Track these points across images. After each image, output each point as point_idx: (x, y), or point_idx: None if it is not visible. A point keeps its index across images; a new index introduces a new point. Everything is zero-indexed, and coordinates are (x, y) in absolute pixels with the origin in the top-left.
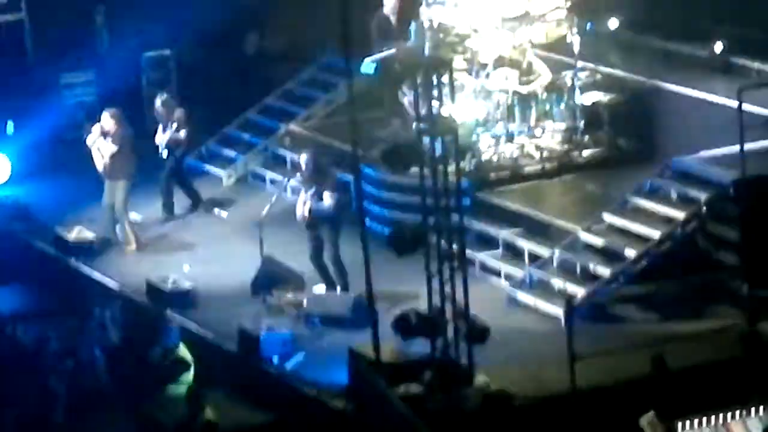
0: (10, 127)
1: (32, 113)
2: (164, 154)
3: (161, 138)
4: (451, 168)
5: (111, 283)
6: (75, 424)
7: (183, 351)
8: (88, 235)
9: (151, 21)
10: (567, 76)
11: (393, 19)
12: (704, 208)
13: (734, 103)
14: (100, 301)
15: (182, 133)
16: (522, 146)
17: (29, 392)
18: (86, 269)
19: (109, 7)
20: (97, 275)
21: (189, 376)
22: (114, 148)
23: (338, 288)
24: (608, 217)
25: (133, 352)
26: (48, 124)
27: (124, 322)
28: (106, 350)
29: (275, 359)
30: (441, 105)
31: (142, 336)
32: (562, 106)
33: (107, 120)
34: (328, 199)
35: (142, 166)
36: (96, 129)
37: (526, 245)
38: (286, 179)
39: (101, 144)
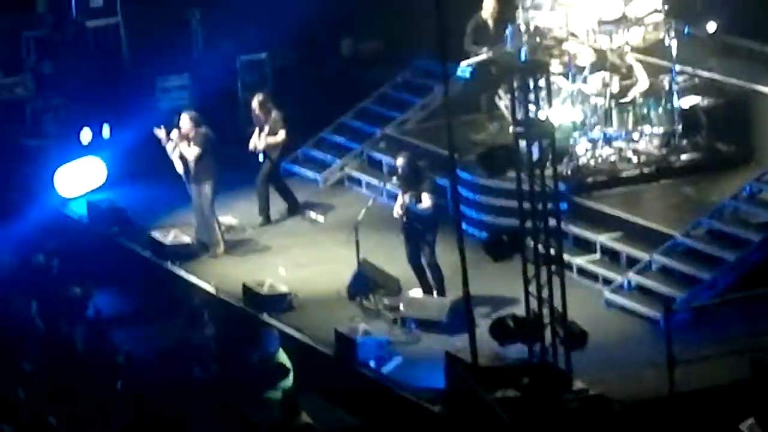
0: (106, 130)
1: (128, 117)
2: (260, 157)
3: (257, 141)
4: (549, 172)
5: (207, 287)
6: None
7: (282, 356)
8: (184, 238)
9: (245, 24)
10: (665, 79)
11: (490, 22)
12: None
13: None
14: (197, 304)
15: (279, 136)
16: (619, 150)
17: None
18: (182, 272)
19: (204, 10)
20: (193, 278)
21: (288, 381)
22: (197, 150)
23: (435, 292)
24: (707, 221)
25: (230, 355)
26: (143, 127)
27: (220, 325)
28: (202, 353)
29: (372, 363)
30: (538, 109)
31: (240, 340)
32: (660, 110)
33: (186, 122)
34: (425, 202)
35: (238, 169)
36: (175, 134)
37: (624, 249)
38: (382, 183)
39: (183, 148)
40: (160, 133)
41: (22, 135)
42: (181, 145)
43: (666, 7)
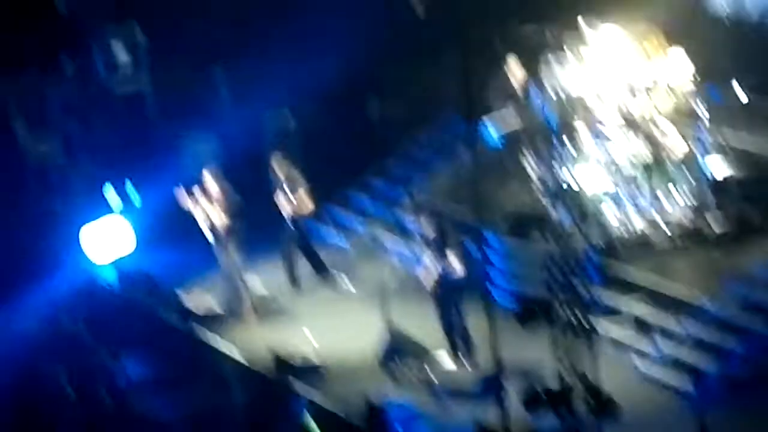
0: (132, 191)
1: (155, 176)
2: (287, 218)
3: (281, 201)
4: (578, 239)
5: (236, 353)
6: None
7: (310, 424)
8: (212, 303)
9: (271, 84)
10: (695, 146)
11: (516, 84)
12: None
13: None
14: (225, 370)
15: (302, 198)
16: (649, 217)
17: None
18: (211, 338)
19: (230, 69)
20: (221, 344)
21: None
22: (223, 212)
23: (465, 359)
24: (739, 290)
25: (258, 423)
26: (170, 188)
27: (249, 392)
28: (231, 420)
29: (401, 430)
30: (566, 176)
31: (268, 407)
32: (690, 176)
33: (212, 184)
34: (455, 266)
35: (265, 230)
36: (201, 195)
37: (655, 319)
38: (410, 248)
39: (210, 211)
40: (185, 197)
41: (48, 196)
42: (208, 208)
43: (697, 72)
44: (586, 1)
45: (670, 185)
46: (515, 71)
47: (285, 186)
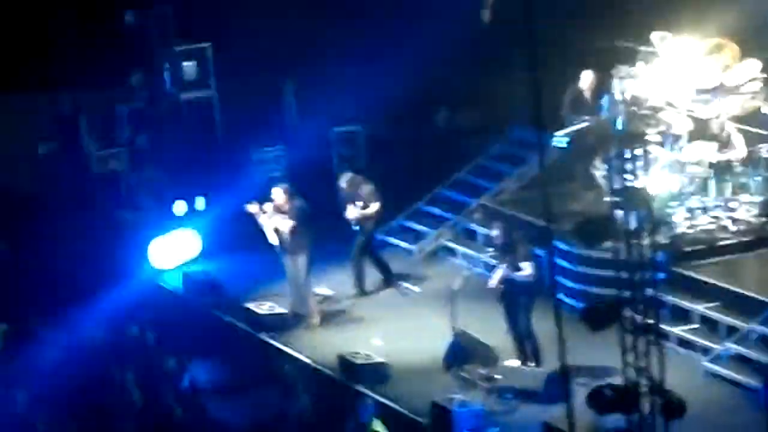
0: (200, 203)
1: (223, 189)
2: (356, 228)
3: (351, 213)
4: (646, 241)
5: (303, 358)
6: None
7: (378, 426)
8: (279, 309)
9: (340, 95)
10: (763, 148)
11: (587, 93)
12: None
13: None
14: (292, 375)
15: (371, 209)
16: (717, 219)
17: None
18: (278, 343)
19: (298, 82)
20: (288, 349)
21: None
22: (291, 223)
23: (532, 362)
24: None
25: (326, 425)
26: (237, 199)
27: (316, 395)
28: (298, 424)
29: None
30: (635, 178)
31: (336, 410)
32: (758, 178)
33: (279, 196)
34: (524, 270)
35: (333, 240)
36: (268, 207)
37: (723, 319)
38: (477, 253)
39: (278, 221)
40: (253, 208)
41: (116, 207)
42: (276, 218)
43: (764, 74)
44: (660, 14)
45: (738, 186)
46: (587, 82)
47: (355, 197)
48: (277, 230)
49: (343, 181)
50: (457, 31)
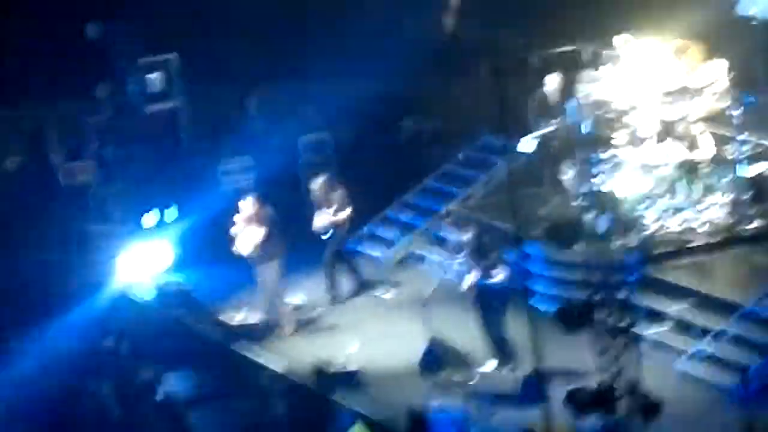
0: (171, 214)
1: (192, 200)
2: (326, 235)
3: (320, 221)
4: (617, 244)
5: (277, 367)
6: None
7: (360, 430)
8: (251, 319)
9: (306, 104)
10: (730, 148)
11: (553, 97)
12: None
13: None
14: (268, 385)
15: (343, 214)
16: (687, 220)
17: None
18: (252, 353)
19: (264, 92)
20: (263, 359)
21: None
22: (263, 230)
23: (507, 365)
24: None
25: None
26: (207, 210)
27: (292, 405)
28: None
29: None
30: (602, 181)
31: (312, 419)
32: (727, 178)
33: (249, 205)
34: (498, 275)
35: (304, 249)
36: (238, 218)
37: (696, 320)
38: (448, 259)
39: (249, 230)
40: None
41: (85, 220)
42: (248, 228)
43: (729, 76)
44: (622, 17)
45: (707, 186)
46: (552, 85)
47: (325, 204)
48: (247, 238)
49: (315, 184)
50: (420, 40)
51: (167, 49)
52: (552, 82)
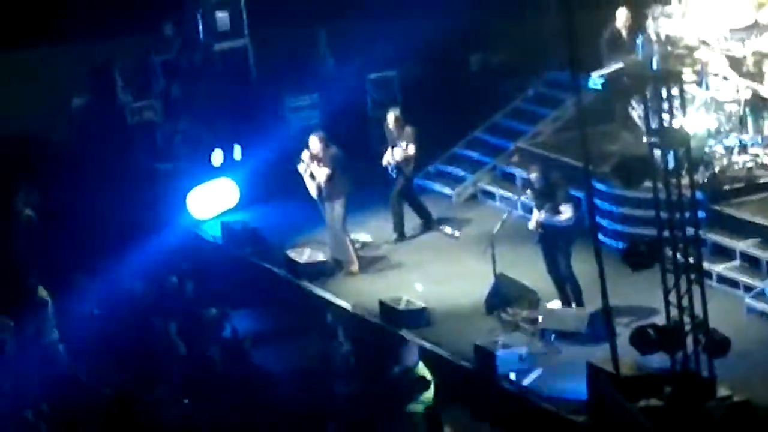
0: (238, 151)
1: (258, 138)
2: (393, 173)
3: (390, 157)
4: (685, 181)
5: (344, 304)
6: None
7: (422, 369)
8: (319, 256)
9: (374, 42)
10: None
11: (624, 32)
12: None
13: None
14: (333, 321)
15: (411, 150)
16: (756, 156)
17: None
18: (318, 291)
19: (332, 30)
20: (329, 296)
21: (429, 394)
22: (327, 170)
23: (573, 303)
24: None
25: (370, 370)
26: (274, 148)
27: (359, 342)
28: (342, 370)
29: (512, 376)
30: (672, 117)
31: (378, 355)
32: None
33: (315, 144)
34: (564, 213)
35: (371, 186)
36: (305, 155)
37: (764, 256)
38: (516, 196)
39: (314, 168)
40: (302, 167)
41: (152, 158)
42: (312, 166)
43: None
44: None
45: None
46: (621, 20)
47: (396, 141)
48: (314, 177)
49: (390, 118)
50: None
51: None
52: (622, 15)
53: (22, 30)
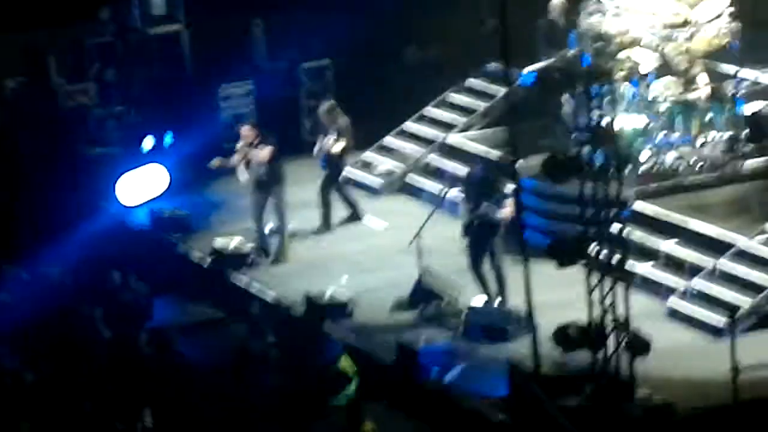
0: (169, 138)
1: (190, 125)
2: (323, 164)
3: (321, 147)
4: (612, 178)
5: (268, 295)
6: None
7: (345, 363)
8: (245, 246)
9: (308, 32)
10: (729, 84)
11: (560, 22)
12: None
13: None
14: (258, 312)
15: (344, 142)
16: (684, 156)
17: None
18: (243, 281)
19: (267, 18)
20: (254, 287)
21: (351, 388)
22: (268, 149)
23: (497, 298)
24: None
25: (292, 363)
26: (206, 135)
27: (282, 334)
28: (264, 362)
29: (434, 371)
30: (601, 114)
31: (301, 348)
32: (725, 115)
33: (249, 133)
34: (506, 209)
35: (300, 176)
36: (240, 147)
37: (688, 256)
38: (445, 189)
39: (252, 154)
40: (216, 163)
41: (84, 143)
42: (251, 153)
43: (730, 11)
44: None
45: (704, 122)
46: (556, 10)
47: (328, 132)
48: (249, 164)
49: (323, 108)
50: None
51: None
52: (556, 8)
53: None
